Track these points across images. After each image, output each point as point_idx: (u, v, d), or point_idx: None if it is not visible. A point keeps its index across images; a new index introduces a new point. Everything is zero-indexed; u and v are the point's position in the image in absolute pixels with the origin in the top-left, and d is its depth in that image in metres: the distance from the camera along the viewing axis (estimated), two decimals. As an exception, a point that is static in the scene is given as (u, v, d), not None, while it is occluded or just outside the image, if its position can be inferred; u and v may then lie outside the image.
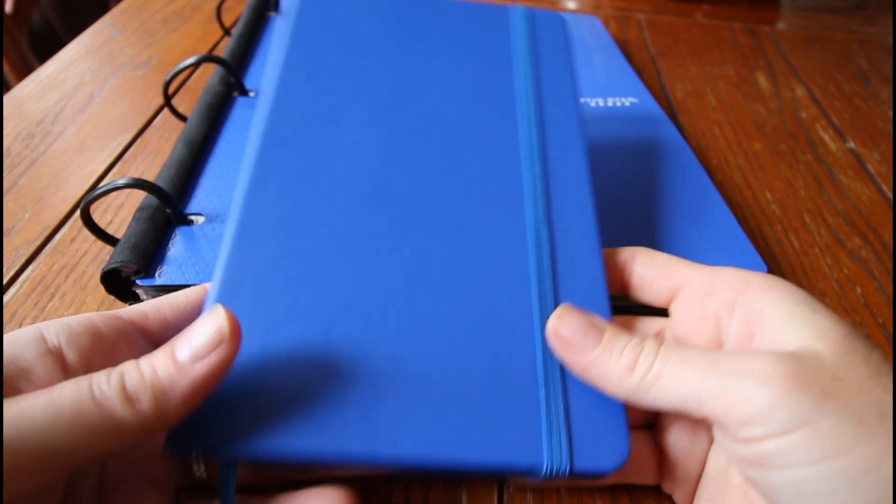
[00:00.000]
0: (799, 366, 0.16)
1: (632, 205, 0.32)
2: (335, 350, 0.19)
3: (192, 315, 0.20)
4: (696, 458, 0.21)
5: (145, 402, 0.15)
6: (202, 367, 0.16)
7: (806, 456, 0.15)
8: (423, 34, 0.28)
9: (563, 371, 0.20)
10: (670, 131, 0.39)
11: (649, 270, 0.22)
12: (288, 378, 0.18)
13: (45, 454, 0.14)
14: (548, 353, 0.20)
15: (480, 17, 0.29)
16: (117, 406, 0.14)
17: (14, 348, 0.16)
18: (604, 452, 0.18)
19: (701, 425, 0.21)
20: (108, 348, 0.18)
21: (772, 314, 0.18)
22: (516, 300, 0.21)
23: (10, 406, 0.14)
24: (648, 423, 0.23)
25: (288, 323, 0.19)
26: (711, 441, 0.21)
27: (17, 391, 0.16)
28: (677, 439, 0.21)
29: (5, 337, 0.17)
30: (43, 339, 0.17)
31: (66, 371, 0.17)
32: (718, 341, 0.20)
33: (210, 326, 0.16)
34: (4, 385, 0.16)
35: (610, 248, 0.23)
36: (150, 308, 0.20)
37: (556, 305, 0.21)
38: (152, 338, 0.20)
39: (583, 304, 0.20)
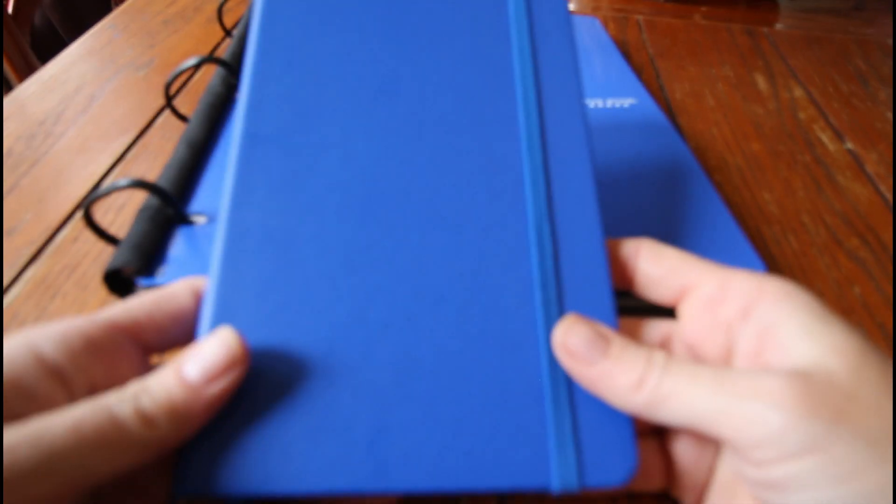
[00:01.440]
0: (811, 386, 0.16)
1: (630, 205, 0.32)
2: (335, 376, 0.18)
3: (184, 323, 0.19)
4: (704, 466, 0.20)
5: (163, 426, 0.16)
6: (214, 390, 0.17)
7: (820, 480, 0.15)
8: (413, 10, 0.25)
9: (569, 382, 0.19)
10: (669, 132, 0.39)
11: (656, 269, 0.21)
12: (290, 408, 0.18)
13: (73, 477, 0.14)
14: (554, 364, 0.19)
15: None
16: (137, 429, 0.15)
17: (13, 370, 0.16)
18: (612, 466, 0.18)
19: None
20: (107, 362, 0.17)
21: (785, 327, 0.18)
22: (520, 309, 0.20)
23: (25, 429, 0.14)
24: (656, 429, 0.22)
25: (285, 348, 0.19)
26: (720, 448, 0.20)
27: (18, 415, 0.15)
28: (685, 448, 0.20)
29: None
30: (41, 357, 0.16)
31: (68, 389, 0.16)
32: (730, 350, 0.20)
33: (220, 350, 0.17)
34: (5, 410, 0.15)
35: (613, 238, 0.22)
36: (143, 315, 0.19)
37: (560, 312, 0.20)
38: (145, 345, 0.19)
39: (588, 310, 0.20)
